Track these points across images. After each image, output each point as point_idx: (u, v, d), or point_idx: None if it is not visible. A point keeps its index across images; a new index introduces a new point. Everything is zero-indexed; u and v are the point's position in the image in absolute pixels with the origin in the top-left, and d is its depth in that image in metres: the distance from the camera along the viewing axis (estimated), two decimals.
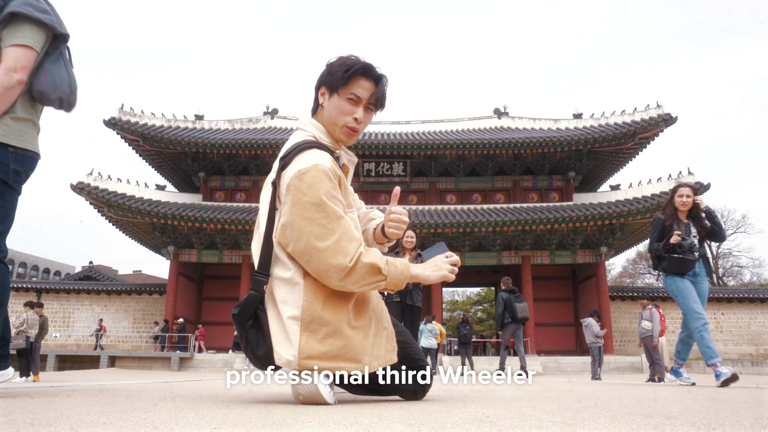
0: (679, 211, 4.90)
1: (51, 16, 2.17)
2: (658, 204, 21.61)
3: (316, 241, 1.62)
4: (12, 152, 2.13)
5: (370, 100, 1.82)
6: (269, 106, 28.30)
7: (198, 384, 3.67)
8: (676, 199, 4.90)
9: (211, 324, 25.10)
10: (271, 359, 1.70)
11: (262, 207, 1.81)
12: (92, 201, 22.57)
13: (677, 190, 4.95)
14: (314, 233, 1.62)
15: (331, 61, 1.82)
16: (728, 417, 1.43)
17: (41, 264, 70.44)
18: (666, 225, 4.91)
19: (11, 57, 2.07)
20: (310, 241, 1.62)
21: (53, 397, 2.10)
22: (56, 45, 2.23)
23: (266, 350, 1.69)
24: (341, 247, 1.62)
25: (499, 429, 1.18)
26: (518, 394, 2.49)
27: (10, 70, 2.05)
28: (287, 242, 1.67)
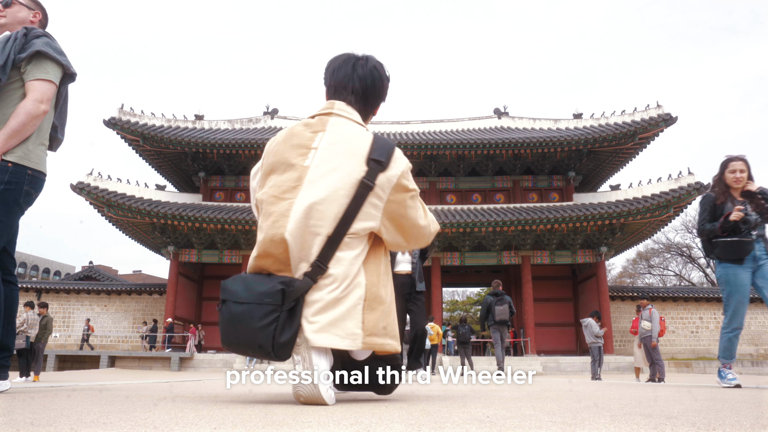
0: (731, 189, 4.20)
1: (66, 57, 2.47)
2: (658, 204, 21.62)
3: (423, 220, 1.91)
4: (29, 174, 2.36)
5: None
6: (269, 106, 28.33)
7: (198, 384, 3.67)
8: (727, 176, 4.20)
9: (211, 324, 25.11)
10: (290, 346, 1.67)
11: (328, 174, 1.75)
12: (92, 201, 22.58)
13: (728, 164, 4.23)
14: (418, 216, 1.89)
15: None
16: (728, 417, 1.43)
17: (41, 264, 70.44)
18: (718, 204, 4.18)
19: (38, 90, 2.35)
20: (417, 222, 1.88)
21: (53, 397, 2.10)
22: (65, 82, 2.52)
23: (290, 336, 1.66)
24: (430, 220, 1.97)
25: (499, 429, 1.18)
26: (518, 394, 2.49)
27: (38, 101, 2.33)
28: (404, 229, 1.86)
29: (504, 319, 10.61)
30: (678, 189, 21.79)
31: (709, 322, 25.16)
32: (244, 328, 1.67)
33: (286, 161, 1.80)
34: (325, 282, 1.71)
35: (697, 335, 24.99)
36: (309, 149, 1.80)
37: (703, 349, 24.61)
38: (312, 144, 1.80)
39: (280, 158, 1.82)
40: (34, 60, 2.36)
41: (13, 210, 2.36)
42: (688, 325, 25.14)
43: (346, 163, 1.76)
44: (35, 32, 2.42)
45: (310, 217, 1.71)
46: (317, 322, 1.68)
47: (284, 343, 1.65)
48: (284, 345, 1.65)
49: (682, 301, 25.40)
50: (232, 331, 1.70)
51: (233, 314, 1.69)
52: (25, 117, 2.30)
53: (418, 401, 1.97)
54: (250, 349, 1.70)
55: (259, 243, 1.77)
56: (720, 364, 4.40)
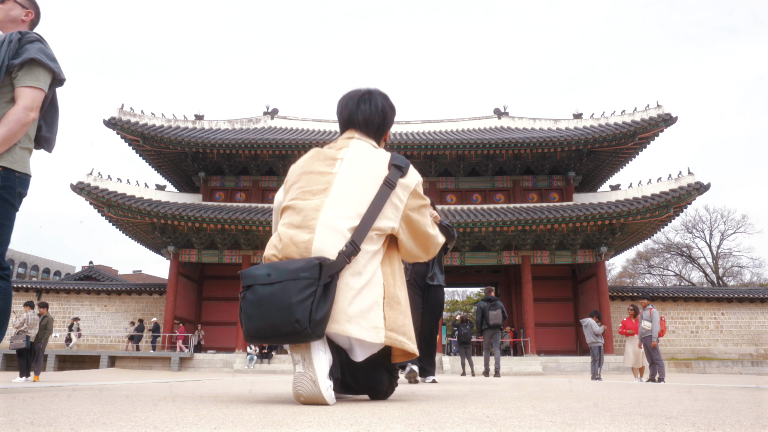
0: None
1: (58, 63, 2.50)
2: (658, 204, 21.63)
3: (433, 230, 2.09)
4: (18, 177, 2.42)
5: None
6: (269, 106, 28.32)
7: (198, 384, 3.67)
8: None
9: (211, 324, 25.11)
10: (324, 323, 1.68)
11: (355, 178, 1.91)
12: (92, 201, 22.58)
13: None
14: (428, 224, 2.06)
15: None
16: (728, 417, 1.43)
17: (41, 264, 70.46)
18: None
19: (29, 97, 2.38)
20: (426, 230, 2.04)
21: (53, 397, 2.10)
22: (53, 87, 2.55)
23: (323, 314, 1.67)
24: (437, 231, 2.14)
25: (499, 429, 1.18)
26: (518, 394, 2.49)
27: (28, 109, 2.37)
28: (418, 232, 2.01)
29: (497, 323, 11.30)
30: (678, 189, 21.79)
31: (709, 322, 25.16)
32: (276, 306, 1.66)
33: (315, 170, 1.95)
34: (353, 270, 1.78)
35: (697, 335, 24.99)
36: (336, 159, 1.96)
37: (703, 349, 24.61)
38: (338, 156, 1.97)
39: (308, 169, 1.97)
40: (26, 66, 2.39)
41: (10, 213, 2.43)
42: (688, 325, 25.14)
43: (371, 167, 1.93)
44: (29, 37, 2.45)
45: (340, 212, 1.83)
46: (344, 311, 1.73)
47: (320, 320, 1.66)
48: (320, 322, 1.66)
49: (682, 301, 25.40)
50: (261, 313, 1.70)
51: (262, 296, 1.70)
52: (14, 125, 2.35)
53: (418, 401, 1.98)
54: (284, 328, 1.65)
55: (284, 234, 1.84)
56: None
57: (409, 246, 2.01)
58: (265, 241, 23.92)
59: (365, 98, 2.13)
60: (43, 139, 2.64)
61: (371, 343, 1.78)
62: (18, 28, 2.59)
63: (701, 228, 41.48)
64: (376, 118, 2.11)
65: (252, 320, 1.73)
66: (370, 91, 2.16)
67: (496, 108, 28.24)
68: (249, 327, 1.74)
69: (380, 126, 2.13)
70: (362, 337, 1.73)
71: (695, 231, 41.51)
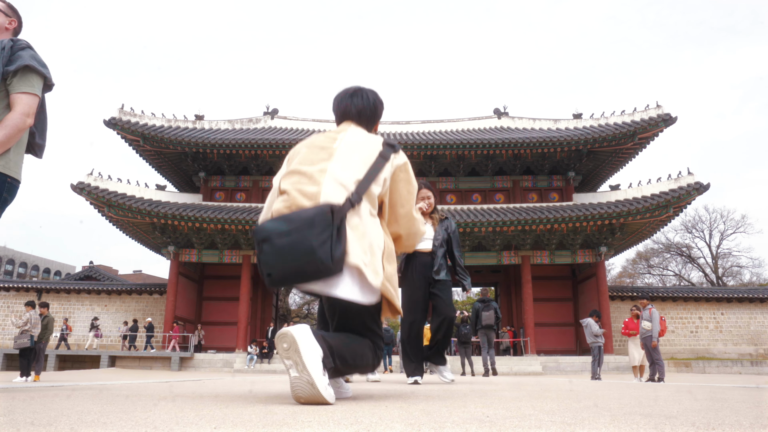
0: None
1: (48, 69, 2.56)
2: (658, 204, 21.62)
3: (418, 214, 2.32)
4: (9, 183, 2.44)
5: None
6: (269, 106, 28.31)
7: (198, 384, 3.67)
8: None
9: (211, 324, 25.10)
10: (342, 260, 1.86)
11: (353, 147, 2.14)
12: (92, 201, 22.57)
13: None
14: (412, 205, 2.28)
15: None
16: (728, 417, 1.44)
17: (41, 264, 70.44)
18: None
19: (25, 103, 2.43)
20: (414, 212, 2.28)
21: (53, 397, 2.10)
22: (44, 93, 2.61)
23: (340, 254, 1.84)
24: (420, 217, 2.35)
25: (499, 429, 1.18)
26: (518, 394, 2.49)
27: (25, 114, 2.42)
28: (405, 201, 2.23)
29: (489, 324, 11.83)
30: (678, 189, 21.79)
31: (708, 322, 25.15)
32: (299, 252, 1.80)
33: (317, 145, 2.16)
34: (357, 219, 1.97)
35: (697, 335, 24.99)
36: (336, 139, 2.18)
37: (702, 349, 24.60)
38: (338, 137, 2.20)
39: (310, 145, 2.18)
40: (20, 73, 2.44)
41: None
42: (687, 325, 25.13)
43: (367, 144, 2.17)
44: (20, 44, 2.50)
45: (344, 171, 2.03)
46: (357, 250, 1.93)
47: (339, 258, 1.84)
48: (340, 259, 1.84)
49: (682, 301, 25.39)
50: (283, 261, 1.82)
51: (281, 246, 1.82)
52: (11, 130, 2.39)
53: (418, 401, 1.98)
54: (309, 268, 1.80)
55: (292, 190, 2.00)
56: None
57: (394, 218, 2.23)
58: None
59: (357, 93, 2.40)
60: (36, 146, 2.68)
61: (370, 286, 1.96)
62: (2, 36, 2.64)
63: (701, 228, 41.49)
64: (368, 110, 2.37)
65: (275, 268, 1.84)
66: (360, 88, 2.43)
67: (496, 108, 28.24)
68: (273, 274, 1.85)
69: (372, 116, 2.38)
70: (366, 273, 1.91)
71: (695, 231, 41.53)
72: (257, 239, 1.89)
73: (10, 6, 2.69)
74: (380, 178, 2.10)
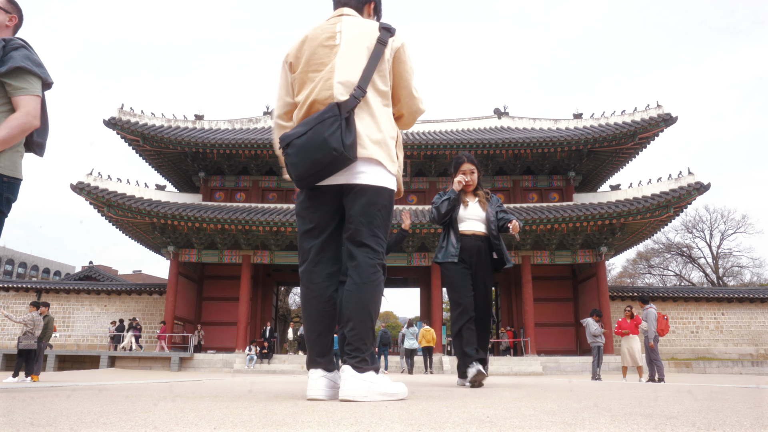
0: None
1: (44, 68, 2.56)
2: (658, 204, 21.62)
3: (417, 93, 2.41)
4: (6, 182, 2.42)
5: None
6: (269, 106, 28.28)
7: (198, 384, 3.67)
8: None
9: (211, 324, 25.09)
10: (355, 147, 2.06)
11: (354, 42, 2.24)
12: (92, 201, 22.57)
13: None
14: (415, 87, 2.39)
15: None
16: (728, 417, 1.43)
17: (41, 264, 70.43)
18: None
19: (30, 105, 2.45)
20: (413, 90, 2.38)
21: (53, 397, 2.10)
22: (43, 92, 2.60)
23: (352, 140, 2.05)
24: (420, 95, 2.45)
25: (500, 429, 1.18)
26: (518, 394, 2.49)
27: (30, 115, 2.44)
28: (404, 81, 2.33)
29: None
30: (678, 189, 21.78)
31: (709, 322, 25.15)
32: (314, 145, 2.02)
33: (321, 45, 2.26)
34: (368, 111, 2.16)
35: (697, 335, 24.98)
36: (335, 33, 2.27)
37: (703, 350, 24.60)
38: (336, 30, 2.28)
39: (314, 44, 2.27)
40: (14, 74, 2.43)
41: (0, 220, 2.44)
42: (688, 325, 25.13)
43: (365, 32, 2.26)
44: (13, 44, 2.46)
45: (349, 69, 2.18)
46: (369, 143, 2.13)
47: (351, 144, 2.04)
48: (351, 146, 2.04)
49: (682, 301, 25.39)
50: (303, 156, 2.05)
51: (300, 144, 2.06)
52: (17, 130, 2.39)
53: (418, 401, 1.98)
54: (325, 159, 2.02)
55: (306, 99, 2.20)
56: None
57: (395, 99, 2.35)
58: (265, 242, 23.92)
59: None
60: (36, 145, 2.66)
61: (386, 174, 2.17)
62: (2, 34, 2.61)
63: (701, 228, 41.48)
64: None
65: (298, 166, 2.08)
66: None
67: (496, 108, 28.23)
68: (298, 172, 2.08)
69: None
70: (382, 161, 2.14)
71: (695, 231, 41.52)
72: (282, 147, 2.14)
73: (10, 1, 2.65)
74: (382, 66, 2.23)
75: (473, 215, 4.13)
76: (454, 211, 4.13)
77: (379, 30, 2.27)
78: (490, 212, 4.13)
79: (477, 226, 4.13)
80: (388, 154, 2.17)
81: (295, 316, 42.65)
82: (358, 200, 2.12)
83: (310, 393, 2.05)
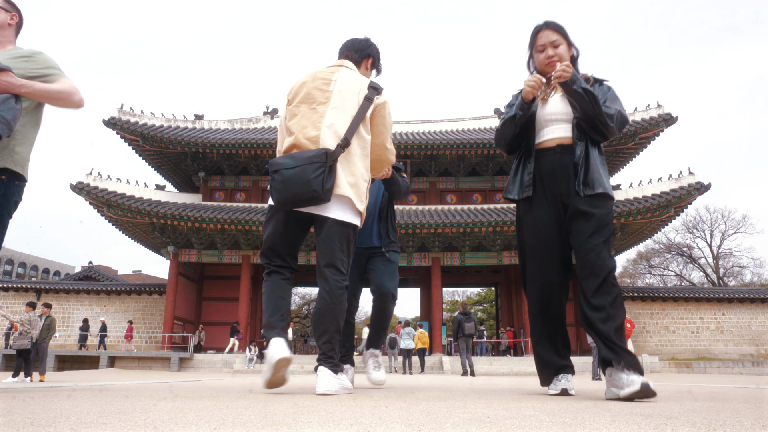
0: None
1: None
2: (659, 204, 21.61)
3: (390, 145, 2.81)
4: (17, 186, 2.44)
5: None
6: (269, 106, 28.30)
7: (198, 384, 3.67)
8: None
9: (211, 324, 25.08)
10: (331, 191, 2.40)
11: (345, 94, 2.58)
12: (92, 201, 22.57)
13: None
14: (389, 140, 2.79)
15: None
16: (729, 417, 1.43)
17: (41, 264, 70.42)
18: None
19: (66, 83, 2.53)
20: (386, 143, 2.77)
21: (53, 397, 2.09)
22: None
23: (330, 185, 2.39)
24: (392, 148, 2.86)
25: (500, 429, 1.18)
26: (518, 394, 2.49)
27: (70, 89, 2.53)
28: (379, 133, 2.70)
29: (471, 333, 13.80)
30: (678, 189, 21.77)
31: (709, 322, 25.14)
32: (299, 182, 2.36)
33: (316, 88, 2.60)
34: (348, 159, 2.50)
35: (698, 335, 24.98)
36: (331, 80, 2.62)
37: (703, 350, 24.59)
38: (332, 78, 2.63)
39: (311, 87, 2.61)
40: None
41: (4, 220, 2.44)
42: (688, 325, 25.12)
43: (356, 87, 2.61)
44: None
45: (337, 118, 2.53)
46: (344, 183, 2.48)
47: (329, 189, 2.39)
48: (329, 190, 2.39)
49: (683, 302, 25.38)
50: (288, 187, 2.39)
51: (287, 176, 2.38)
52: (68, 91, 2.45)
53: (418, 401, 1.98)
54: (305, 195, 2.37)
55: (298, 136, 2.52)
56: None
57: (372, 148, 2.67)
58: None
59: (357, 38, 2.92)
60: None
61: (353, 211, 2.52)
62: (5, 33, 2.60)
63: (702, 228, 41.47)
64: (359, 46, 2.87)
65: (282, 192, 2.41)
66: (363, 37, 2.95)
67: (497, 108, 28.22)
68: (280, 197, 2.42)
69: (362, 50, 2.85)
70: (352, 198, 2.48)
71: (696, 231, 41.50)
72: (271, 170, 2.45)
73: (8, 1, 2.64)
74: (366, 117, 2.59)
75: (559, 115, 2.51)
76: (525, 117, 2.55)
77: (368, 88, 2.63)
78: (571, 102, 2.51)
79: (562, 129, 2.50)
80: (357, 194, 2.52)
81: (294, 316, 42.66)
82: (328, 231, 2.51)
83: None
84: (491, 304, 44.29)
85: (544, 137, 2.56)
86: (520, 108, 2.54)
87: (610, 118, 2.40)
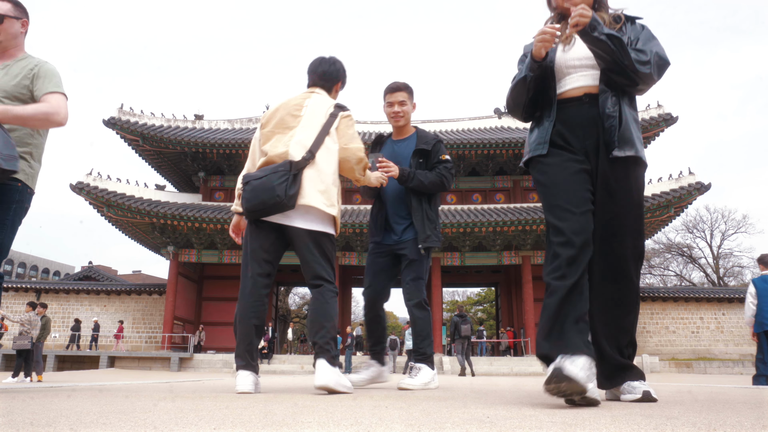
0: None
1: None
2: (659, 204, 21.62)
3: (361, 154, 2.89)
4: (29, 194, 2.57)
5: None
6: (269, 106, 28.28)
7: (198, 384, 3.67)
8: None
9: (211, 324, 25.09)
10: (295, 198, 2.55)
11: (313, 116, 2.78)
12: (92, 201, 22.57)
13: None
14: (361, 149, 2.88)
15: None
16: (729, 417, 1.43)
17: (41, 264, 70.40)
18: None
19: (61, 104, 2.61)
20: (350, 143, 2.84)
21: (53, 397, 2.09)
22: None
23: (294, 192, 2.55)
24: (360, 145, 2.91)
25: (500, 429, 1.18)
26: (518, 394, 2.49)
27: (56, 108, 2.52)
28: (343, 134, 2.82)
29: (467, 335, 14.19)
30: (679, 189, 21.78)
31: (709, 322, 25.15)
32: (264, 189, 2.54)
33: (288, 114, 2.80)
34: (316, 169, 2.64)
35: (698, 335, 24.98)
36: (302, 107, 2.82)
37: (703, 350, 24.59)
38: (304, 104, 2.84)
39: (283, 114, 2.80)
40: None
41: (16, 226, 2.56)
42: (688, 325, 25.13)
43: (323, 109, 2.82)
44: None
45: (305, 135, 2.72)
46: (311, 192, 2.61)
47: (292, 195, 2.54)
48: (292, 196, 2.54)
49: (683, 302, 25.39)
50: (254, 195, 2.56)
51: (255, 185, 2.57)
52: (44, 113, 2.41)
53: (418, 401, 1.97)
54: (269, 201, 2.52)
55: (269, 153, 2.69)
56: None
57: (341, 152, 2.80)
58: None
59: (325, 60, 3.04)
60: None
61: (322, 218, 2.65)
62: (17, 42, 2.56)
63: (702, 228, 41.46)
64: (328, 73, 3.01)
65: (250, 201, 2.59)
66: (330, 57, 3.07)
67: (497, 108, 28.22)
68: (248, 206, 2.60)
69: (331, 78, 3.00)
70: (319, 206, 2.60)
71: (696, 231, 41.48)
72: (243, 183, 2.66)
73: (17, 4, 2.57)
74: (331, 130, 2.78)
75: (585, 60, 2.13)
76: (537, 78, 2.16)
77: (334, 107, 2.86)
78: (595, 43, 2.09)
79: (585, 77, 2.13)
80: (327, 199, 2.65)
81: (294, 316, 42.66)
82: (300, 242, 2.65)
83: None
84: (491, 304, 44.27)
85: (567, 86, 2.15)
86: (530, 69, 2.11)
87: (643, 65, 2.03)
